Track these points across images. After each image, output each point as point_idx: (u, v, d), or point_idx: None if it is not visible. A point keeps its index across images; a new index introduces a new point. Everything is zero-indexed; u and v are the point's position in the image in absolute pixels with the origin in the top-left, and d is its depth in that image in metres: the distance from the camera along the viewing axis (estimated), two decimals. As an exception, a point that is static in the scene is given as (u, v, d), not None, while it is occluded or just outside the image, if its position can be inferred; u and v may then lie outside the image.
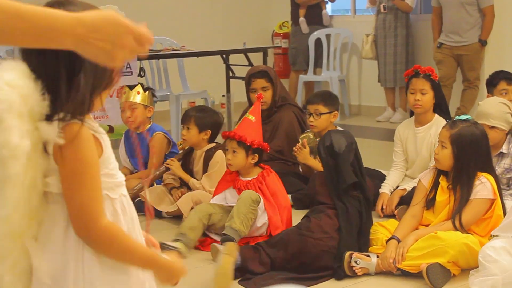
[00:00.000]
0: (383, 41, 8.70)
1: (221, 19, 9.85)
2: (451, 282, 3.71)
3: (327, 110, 5.13)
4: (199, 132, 4.94)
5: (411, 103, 4.95)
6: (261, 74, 5.55)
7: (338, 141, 4.01)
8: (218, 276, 3.66)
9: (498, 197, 3.86)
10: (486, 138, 3.94)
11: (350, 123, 8.62)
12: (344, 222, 3.89)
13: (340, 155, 3.97)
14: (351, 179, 3.95)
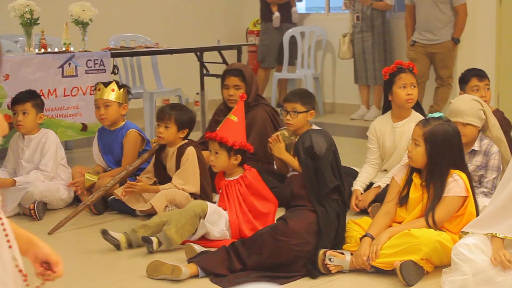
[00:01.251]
0: (360, 40, 8.72)
1: (195, 17, 9.82)
2: (424, 279, 3.73)
3: (304, 109, 5.13)
4: (177, 131, 4.92)
5: (402, 98, 4.94)
6: (236, 72, 5.54)
7: (318, 142, 3.94)
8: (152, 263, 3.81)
9: (471, 194, 3.89)
10: (458, 135, 3.96)
11: (324, 121, 8.63)
12: (324, 226, 3.87)
13: (321, 157, 3.91)
14: (333, 183, 3.90)
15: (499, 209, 3.53)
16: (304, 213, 3.90)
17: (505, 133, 4.98)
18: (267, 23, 9.26)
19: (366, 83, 8.86)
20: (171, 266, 3.78)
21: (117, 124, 5.34)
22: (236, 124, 4.38)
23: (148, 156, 5.06)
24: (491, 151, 4.61)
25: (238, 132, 4.35)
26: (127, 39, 7.93)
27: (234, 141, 4.29)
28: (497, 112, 5.36)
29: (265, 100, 5.75)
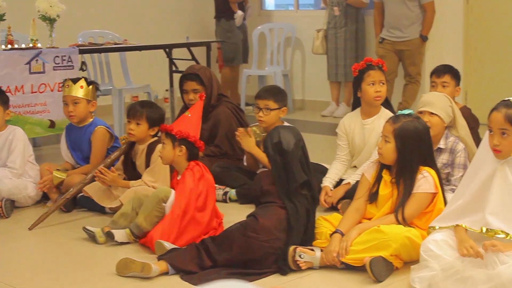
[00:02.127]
0: (333, 36, 8.74)
1: (164, 13, 9.78)
2: (394, 275, 3.75)
3: (277, 106, 5.14)
4: (148, 128, 4.90)
5: (372, 95, 4.96)
6: (193, 76, 5.52)
7: (286, 138, 3.94)
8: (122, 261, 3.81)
9: (440, 191, 3.92)
10: (428, 132, 3.99)
11: (294, 117, 8.65)
12: (294, 222, 3.87)
13: (289, 152, 3.91)
14: (302, 178, 3.91)
15: (466, 204, 3.57)
16: (274, 209, 3.90)
17: (472, 130, 5.02)
18: (230, 21, 9.15)
19: (337, 80, 8.88)
20: (140, 264, 3.76)
21: (85, 121, 5.30)
22: (187, 118, 4.36)
23: (119, 155, 5.02)
24: (457, 149, 4.65)
25: (186, 125, 4.32)
26: (95, 35, 7.87)
27: (178, 130, 4.26)
28: (465, 109, 5.41)
29: (227, 98, 5.74)
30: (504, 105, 3.48)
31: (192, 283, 3.68)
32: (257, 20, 9.81)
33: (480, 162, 3.57)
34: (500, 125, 3.45)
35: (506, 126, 3.43)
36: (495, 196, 3.46)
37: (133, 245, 4.29)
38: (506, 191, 3.45)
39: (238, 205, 5.12)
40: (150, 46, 7.67)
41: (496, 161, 3.50)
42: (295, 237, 3.86)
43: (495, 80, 7.98)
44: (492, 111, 3.51)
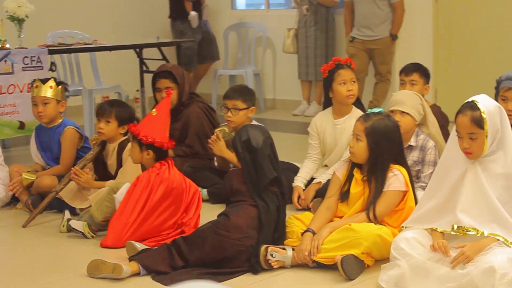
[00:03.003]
0: (304, 35, 8.75)
1: (134, 13, 9.74)
2: (365, 273, 3.76)
3: (245, 105, 5.14)
4: (118, 126, 4.88)
5: (344, 94, 4.96)
6: (166, 74, 5.49)
7: (255, 136, 3.94)
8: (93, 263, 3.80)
9: (411, 189, 3.94)
10: (398, 130, 4.01)
11: (266, 117, 8.66)
12: (265, 220, 3.87)
13: (258, 150, 3.92)
14: (272, 174, 3.91)
15: (439, 205, 3.59)
16: (245, 208, 3.90)
17: (442, 128, 5.06)
18: (185, 23, 8.96)
19: (307, 79, 8.90)
20: (111, 265, 3.74)
21: (54, 122, 5.26)
22: (153, 118, 4.33)
23: (92, 157, 4.98)
24: (427, 146, 4.68)
25: (153, 127, 4.29)
26: (64, 35, 7.82)
27: (145, 135, 4.24)
28: (434, 107, 5.45)
29: (199, 98, 5.72)
30: (469, 107, 3.48)
31: (164, 284, 3.67)
32: (228, 20, 9.80)
33: (451, 161, 3.59)
34: (468, 129, 3.46)
35: (473, 129, 3.45)
36: (466, 194, 3.49)
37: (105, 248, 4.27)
38: (477, 189, 3.47)
39: (209, 204, 5.12)
40: (120, 46, 7.64)
41: (467, 161, 3.53)
42: (266, 235, 3.86)
43: (464, 78, 8.05)
44: (458, 115, 3.51)
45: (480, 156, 3.50)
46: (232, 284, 3.66)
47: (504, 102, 4.43)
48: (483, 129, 3.43)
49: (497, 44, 7.85)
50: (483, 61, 7.93)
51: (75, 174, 4.76)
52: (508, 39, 7.78)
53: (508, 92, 4.43)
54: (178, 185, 4.28)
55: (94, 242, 4.35)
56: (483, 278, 3.26)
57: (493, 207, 3.42)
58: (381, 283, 3.55)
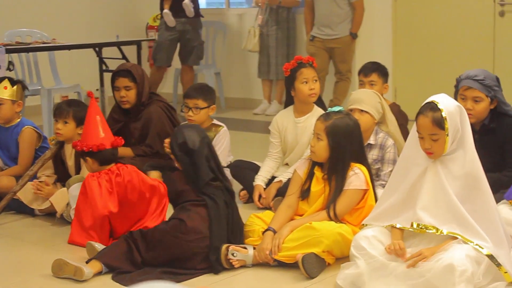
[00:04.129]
0: (265, 34, 8.74)
1: (93, 11, 9.66)
2: (326, 271, 3.78)
3: (206, 104, 5.13)
4: (76, 127, 4.83)
5: (306, 93, 4.96)
6: (125, 73, 5.45)
7: (191, 137, 3.92)
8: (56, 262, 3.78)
9: (371, 187, 3.96)
10: (359, 128, 4.03)
11: (226, 116, 8.64)
12: (214, 216, 3.85)
13: (195, 151, 3.89)
14: (207, 176, 3.89)
15: (399, 203, 3.60)
16: (194, 209, 3.87)
17: (402, 127, 5.10)
18: (162, 18, 8.91)
19: (268, 78, 8.90)
20: (73, 267, 3.71)
21: (12, 121, 5.19)
22: (86, 125, 4.32)
23: (50, 157, 4.93)
24: (386, 145, 4.71)
25: (85, 135, 4.29)
26: (22, 34, 7.72)
27: (76, 145, 4.27)
28: (394, 105, 5.48)
29: (159, 97, 5.68)
30: (430, 108, 3.50)
31: (123, 284, 3.65)
32: (188, 19, 9.75)
33: (411, 159, 3.61)
34: (429, 130, 3.48)
35: (435, 130, 3.47)
36: (426, 192, 3.51)
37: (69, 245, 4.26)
38: (437, 188, 3.49)
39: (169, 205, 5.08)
40: (80, 45, 7.57)
41: (427, 159, 3.55)
42: (218, 231, 3.83)
43: (424, 77, 8.12)
44: (419, 115, 3.53)
45: (441, 155, 3.52)
46: (193, 284, 3.65)
47: (463, 101, 4.47)
48: (444, 129, 3.46)
49: (456, 43, 7.93)
50: (442, 60, 8.01)
51: (37, 189, 4.72)
52: (467, 38, 7.86)
53: (467, 91, 4.47)
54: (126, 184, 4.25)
55: (55, 243, 4.31)
56: (443, 275, 3.29)
57: (452, 206, 3.45)
58: (339, 281, 3.56)
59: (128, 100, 5.37)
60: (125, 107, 5.41)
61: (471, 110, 4.42)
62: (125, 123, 5.42)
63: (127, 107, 5.41)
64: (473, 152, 3.53)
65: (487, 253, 3.37)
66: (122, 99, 5.38)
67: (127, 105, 5.39)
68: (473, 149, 3.53)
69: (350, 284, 3.53)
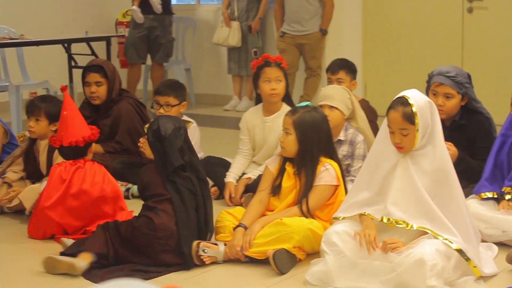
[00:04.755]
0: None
1: (62, 7, 9.57)
2: (297, 266, 3.78)
3: (177, 101, 5.12)
4: (48, 124, 4.79)
5: (267, 92, 4.95)
6: (96, 68, 5.42)
7: (164, 125, 3.94)
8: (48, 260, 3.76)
9: (342, 183, 3.97)
10: (326, 121, 4.04)
11: (197, 112, 8.61)
12: (179, 209, 3.82)
13: (166, 138, 3.90)
14: (177, 162, 3.88)
15: (368, 198, 3.62)
16: (160, 206, 3.85)
17: (371, 123, 5.13)
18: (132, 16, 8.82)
19: (239, 74, 8.89)
20: (66, 263, 3.70)
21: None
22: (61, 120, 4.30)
23: (20, 154, 4.88)
24: (356, 141, 4.73)
25: (60, 130, 4.30)
26: (-11, 30, 7.64)
27: (55, 140, 4.27)
28: (363, 101, 5.51)
29: (129, 93, 5.66)
30: (400, 103, 3.52)
31: (94, 281, 3.62)
32: (157, 14, 9.70)
33: (381, 154, 3.63)
34: (400, 125, 3.50)
35: (405, 125, 3.49)
36: (396, 187, 3.53)
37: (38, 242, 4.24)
38: (407, 182, 3.52)
39: (141, 201, 5.05)
40: (48, 41, 7.49)
41: (397, 154, 3.57)
42: (185, 223, 3.80)
43: (393, 73, 8.16)
44: (390, 110, 3.54)
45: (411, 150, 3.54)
46: (164, 282, 3.63)
47: (435, 97, 4.50)
48: (414, 124, 3.48)
49: (425, 39, 7.98)
50: (411, 56, 8.06)
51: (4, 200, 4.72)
52: (436, 34, 7.91)
53: (439, 87, 4.50)
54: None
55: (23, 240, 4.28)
56: (413, 270, 3.31)
57: (422, 201, 3.47)
58: (307, 277, 3.57)
59: (98, 96, 5.34)
60: (95, 103, 5.38)
61: (442, 106, 4.46)
62: (95, 119, 5.38)
63: (97, 103, 5.38)
64: (443, 147, 3.55)
65: (457, 248, 3.40)
66: (92, 95, 5.35)
67: (97, 101, 5.36)
68: (443, 145, 3.56)
69: (319, 280, 3.54)
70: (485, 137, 4.53)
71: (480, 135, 4.53)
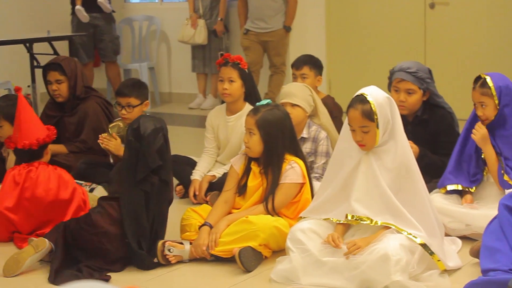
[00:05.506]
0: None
1: (23, 6, 9.46)
2: (263, 264, 3.79)
3: (139, 101, 5.07)
4: (12, 125, 4.72)
5: (219, 91, 4.98)
6: (55, 66, 5.37)
7: (145, 124, 3.87)
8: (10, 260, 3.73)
9: (307, 181, 3.98)
10: (289, 118, 4.05)
11: (162, 111, 8.58)
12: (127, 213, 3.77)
13: (144, 137, 3.84)
14: (154, 163, 3.81)
15: (334, 195, 3.64)
16: (105, 203, 3.86)
17: (336, 119, 5.14)
18: (72, 15, 8.69)
19: (204, 72, 8.87)
20: (30, 248, 3.70)
21: None
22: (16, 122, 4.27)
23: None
24: (319, 137, 4.74)
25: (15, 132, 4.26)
26: (-51, 30, 7.53)
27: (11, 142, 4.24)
28: (328, 98, 5.52)
29: (96, 92, 5.61)
30: (359, 101, 3.53)
31: (55, 284, 3.60)
32: (121, 13, 9.64)
33: (345, 152, 3.64)
34: (360, 123, 3.51)
35: (365, 123, 3.50)
36: (360, 184, 3.55)
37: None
38: (371, 179, 3.53)
39: None
40: (9, 41, 7.41)
41: (360, 151, 3.58)
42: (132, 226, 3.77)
43: (358, 69, 8.19)
44: (349, 108, 3.55)
45: (373, 147, 3.56)
46: (130, 282, 3.61)
47: (396, 93, 4.52)
48: (374, 121, 3.49)
49: (388, 35, 8.02)
50: (375, 52, 8.09)
51: None
52: (399, 30, 7.96)
53: (400, 83, 4.53)
54: None
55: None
56: (378, 266, 3.33)
57: (385, 196, 3.49)
58: (273, 276, 3.58)
59: (60, 93, 5.30)
60: (59, 101, 5.35)
61: (404, 102, 4.48)
62: (60, 117, 5.34)
63: (61, 101, 5.34)
64: (405, 143, 3.58)
65: (421, 242, 3.42)
66: (55, 93, 5.32)
67: (60, 99, 5.33)
68: (404, 140, 3.58)
69: (284, 278, 3.55)
70: (447, 131, 4.57)
71: (443, 129, 4.56)
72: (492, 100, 4.09)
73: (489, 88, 4.09)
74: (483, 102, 4.12)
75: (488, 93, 4.09)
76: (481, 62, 7.30)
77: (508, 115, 4.12)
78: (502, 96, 4.09)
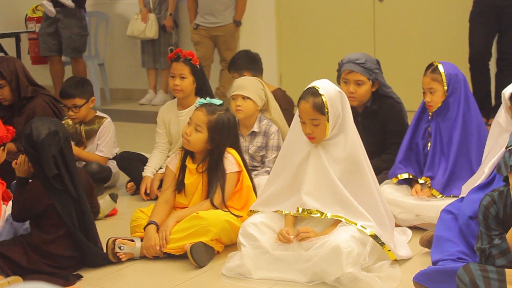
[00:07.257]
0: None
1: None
2: (215, 259, 3.78)
3: (84, 100, 5.03)
4: None
5: (171, 87, 4.96)
6: None
7: (38, 129, 3.58)
8: None
9: (243, 168, 3.97)
10: (235, 120, 4.08)
11: (112, 107, 8.50)
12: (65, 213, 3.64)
13: (38, 144, 3.56)
14: (51, 172, 3.57)
15: (284, 188, 3.65)
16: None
17: (286, 112, 5.15)
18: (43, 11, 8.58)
19: (154, 67, 8.80)
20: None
21: None
22: None
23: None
24: (270, 131, 4.74)
25: None
26: None
27: None
28: (278, 91, 5.53)
29: (44, 90, 5.53)
30: (311, 93, 3.53)
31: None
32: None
33: (294, 144, 3.65)
34: (310, 115, 3.51)
35: (316, 116, 3.50)
36: (309, 177, 3.55)
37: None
38: (320, 172, 3.54)
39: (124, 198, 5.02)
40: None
41: (310, 144, 3.58)
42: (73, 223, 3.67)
43: (308, 62, 8.22)
44: (300, 101, 3.56)
45: (323, 140, 3.56)
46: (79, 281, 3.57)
47: (346, 84, 4.54)
48: (325, 114, 3.49)
49: (338, 28, 8.06)
50: (325, 45, 8.12)
51: None
52: (349, 23, 8.00)
53: (349, 74, 4.54)
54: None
55: None
56: (330, 258, 3.33)
57: (335, 189, 3.50)
58: (224, 271, 3.56)
59: (4, 97, 5.22)
60: (5, 104, 5.26)
61: (353, 93, 4.50)
62: (9, 118, 5.25)
63: (6, 104, 5.26)
64: (354, 136, 3.59)
65: (371, 233, 3.44)
66: None
67: (5, 102, 5.26)
68: (354, 134, 3.59)
69: (236, 273, 3.54)
70: (396, 120, 4.60)
71: (392, 118, 4.59)
72: (442, 86, 4.14)
73: (439, 74, 4.14)
74: (432, 88, 4.17)
75: (439, 79, 4.14)
76: (429, 54, 7.36)
77: (451, 104, 4.17)
78: (451, 84, 4.15)
